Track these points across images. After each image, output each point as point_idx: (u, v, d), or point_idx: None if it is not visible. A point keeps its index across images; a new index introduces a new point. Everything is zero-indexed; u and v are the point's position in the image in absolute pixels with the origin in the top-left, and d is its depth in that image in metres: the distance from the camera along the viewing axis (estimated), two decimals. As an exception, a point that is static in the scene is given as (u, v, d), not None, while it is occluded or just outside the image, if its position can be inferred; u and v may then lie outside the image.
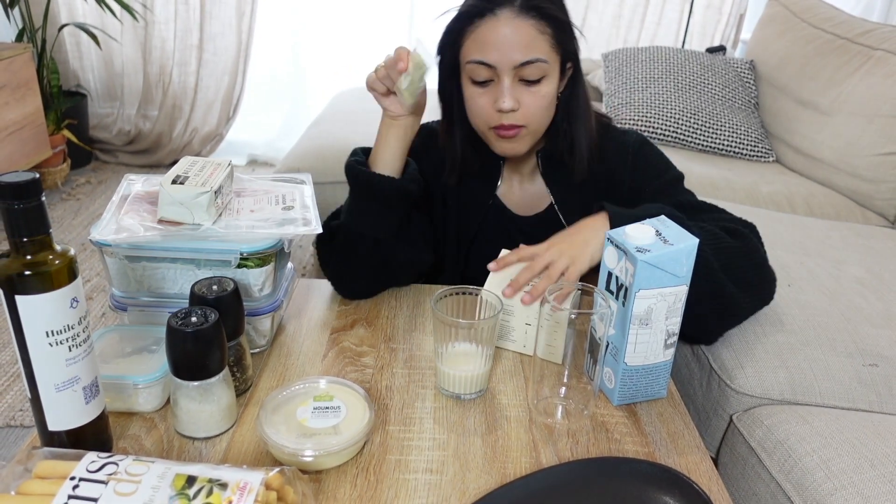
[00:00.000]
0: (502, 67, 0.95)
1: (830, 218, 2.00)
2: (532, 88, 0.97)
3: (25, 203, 0.60)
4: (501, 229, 1.15)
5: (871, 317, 1.29)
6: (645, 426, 0.82)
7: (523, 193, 1.14)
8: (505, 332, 0.93)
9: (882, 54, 2.10)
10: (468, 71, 0.98)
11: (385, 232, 1.00)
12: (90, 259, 2.46)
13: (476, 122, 1.02)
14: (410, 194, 1.00)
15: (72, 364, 0.65)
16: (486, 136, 1.03)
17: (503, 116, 0.97)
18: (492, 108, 0.97)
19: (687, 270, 0.79)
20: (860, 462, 0.98)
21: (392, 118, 1.00)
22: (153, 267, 0.87)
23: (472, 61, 0.96)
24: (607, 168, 1.11)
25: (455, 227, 1.14)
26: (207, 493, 0.57)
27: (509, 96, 0.95)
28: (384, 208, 0.99)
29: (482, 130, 1.03)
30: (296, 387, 0.79)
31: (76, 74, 3.36)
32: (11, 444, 1.67)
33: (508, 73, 0.95)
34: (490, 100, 0.97)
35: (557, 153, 1.08)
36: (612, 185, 1.11)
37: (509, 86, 0.95)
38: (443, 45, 1.02)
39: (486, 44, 0.95)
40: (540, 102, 0.98)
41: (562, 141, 1.06)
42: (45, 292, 0.61)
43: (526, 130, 1.00)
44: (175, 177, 0.86)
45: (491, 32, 0.94)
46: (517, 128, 0.99)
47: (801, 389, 1.16)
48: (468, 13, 0.97)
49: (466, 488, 0.71)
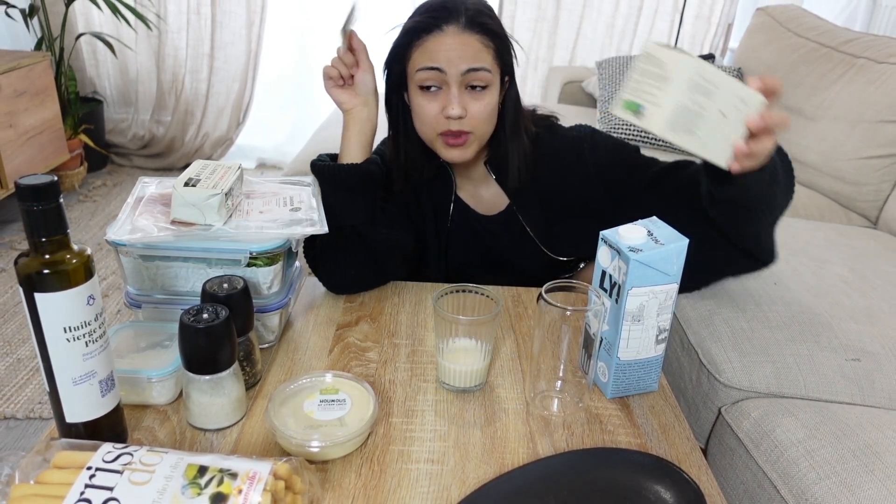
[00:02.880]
0: (450, 74, 0.96)
1: (815, 219, 2.00)
2: (477, 96, 0.98)
3: (44, 204, 0.59)
4: (469, 227, 1.15)
5: (853, 313, 1.29)
6: (637, 418, 0.82)
7: (481, 196, 1.15)
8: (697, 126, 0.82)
9: (864, 62, 2.10)
10: (417, 80, 0.98)
11: (360, 218, 1.00)
12: (106, 258, 2.46)
13: (424, 130, 1.02)
14: (372, 175, 1.01)
15: (88, 359, 0.65)
16: (434, 143, 1.03)
17: (451, 123, 0.98)
18: (440, 115, 0.98)
19: (677, 269, 0.79)
20: (843, 452, 0.98)
21: (347, 110, 1.02)
22: (166, 266, 0.87)
23: (422, 68, 0.97)
24: (560, 165, 1.10)
25: (432, 223, 1.14)
26: (218, 482, 0.57)
27: (457, 103, 0.96)
28: (353, 194, 0.99)
29: (430, 138, 1.03)
30: (303, 380, 0.79)
31: (92, 81, 3.36)
32: (31, 435, 1.67)
33: (456, 81, 0.96)
34: (438, 107, 0.98)
35: (500, 160, 1.08)
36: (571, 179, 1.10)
37: (457, 93, 0.97)
38: (390, 59, 1.03)
39: (435, 52, 0.96)
40: (485, 109, 0.99)
41: (500, 149, 1.07)
42: (63, 290, 0.61)
43: (473, 137, 1.00)
44: (187, 179, 0.86)
45: (439, 45, 0.96)
46: (465, 134, 0.99)
47: (787, 383, 1.16)
48: (415, 28, 0.98)
49: (466, 477, 0.71)
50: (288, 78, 3.48)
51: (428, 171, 1.11)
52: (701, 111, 0.79)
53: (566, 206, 1.11)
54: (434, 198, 1.14)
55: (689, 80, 0.78)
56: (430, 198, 1.14)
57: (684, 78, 0.78)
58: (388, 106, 1.08)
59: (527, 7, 3.16)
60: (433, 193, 1.13)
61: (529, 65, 3.29)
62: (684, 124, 0.80)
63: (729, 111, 0.79)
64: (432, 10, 0.98)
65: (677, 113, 0.79)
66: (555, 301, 0.76)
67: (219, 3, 3.19)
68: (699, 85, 0.78)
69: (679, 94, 0.78)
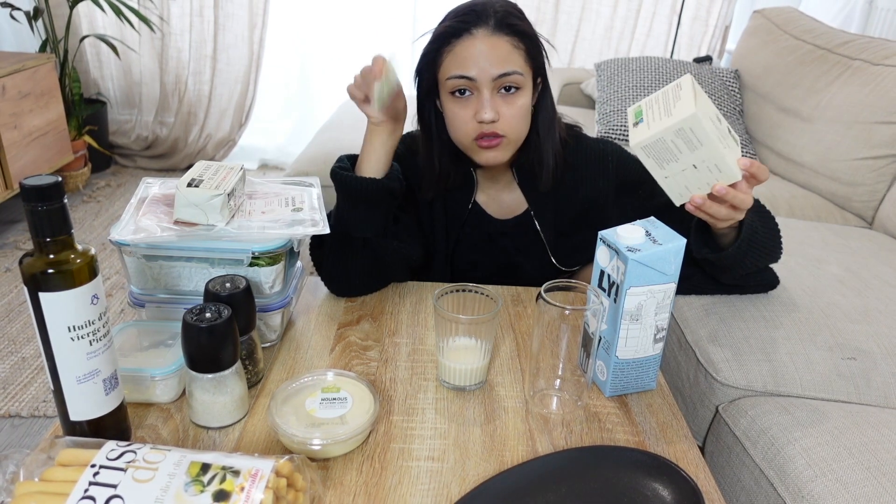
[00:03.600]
0: (481, 80, 0.95)
1: (811, 219, 2.00)
2: (509, 100, 0.97)
3: (49, 205, 0.60)
4: (482, 231, 1.15)
5: (849, 313, 1.29)
6: (635, 416, 0.82)
7: (500, 201, 1.14)
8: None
9: (860, 64, 2.10)
10: (448, 86, 0.97)
11: (373, 231, 0.99)
12: (110, 258, 2.46)
13: (458, 135, 1.01)
14: (393, 192, 0.99)
15: (92, 357, 0.65)
16: (469, 148, 1.01)
17: (483, 126, 0.97)
18: (472, 120, 0.97)
19: (675, 269, 0.79)
20: (839, 450, 0.98)
21: (374, 125, 0.99)
22: (169, 265, 0.87)
23: (452, 76, 0.96)
24: (583, 175, 1.10)
25: (441, 228, 1.14)
26: (221, 479, 0.57)
27: (489, 107, 0.95)
28: (370, 208, 0.98)
29: (464, 144, 1.01)
30: (304, 379, 0.79)
31: (96, 83, 3.36)
32: (35, 433, 1.67)
33: (487, 86, 0.95)
34: (471, 112, 0.97)
35: (529, 164, 1.08)
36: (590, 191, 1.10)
37: (489, 97, 0.95)
38: (421, 66, 1.01)
39: (465, 59, 0.95)
40: (517, 113, 0.98)
41: (533, 152, 1.06)
42: (68, 289, 0.61)
43: (506, 140, 0.99)
44: (190, 180, 0.86)
45: (469, 49, 0.94)
46: (498, 137, 0.98)
47: (784, 382, 1.16)
48: (445, 34, 0.97)
49: (466, 475, 0.71)
50: (290, 80, 3.48)
51: (455, 178, 1.10)
52: (677, 154, 0.83)
53: (581, 215, 1.11)
54: (451, 202, 1.13)
55: (681, 128, 0.80)
56: (445, 203, 1.13)
57: (677, 121, 0.80)
58: (421, 114, 1.06)
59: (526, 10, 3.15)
60: (450, 198, 1.12)
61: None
62: (657, 155, 0.84)
63: (701, 169, 0.84)
64: (461, 13, 0.97)
65: (657, 143, 0.83)
66: (554, 300, 0.76)
67: (221, 6, 3.19)
68: (687, 136, 0.81)
69: (668, 131, 0.81)
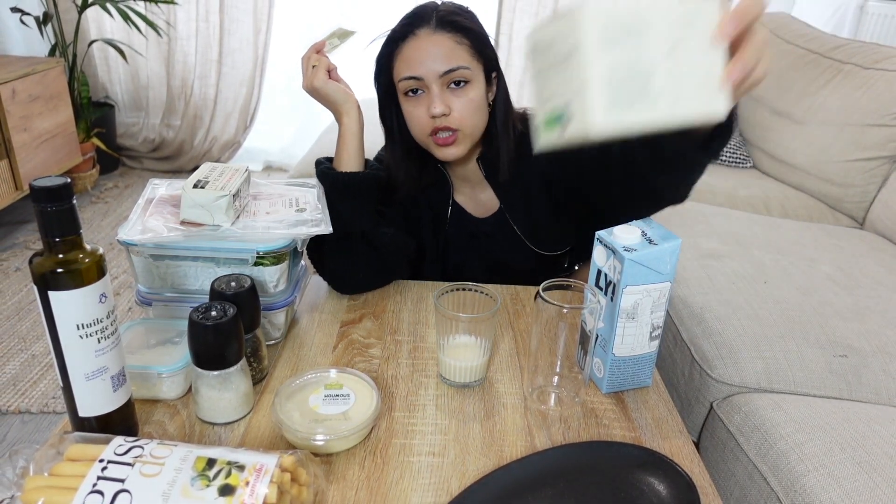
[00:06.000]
0: (429, 78, 0.97)
1: (803, 220, 2.00)
2: (459, 94, 0.98)
3: (58, 206, 0.59)
4: (465, 231, 1.15)
5: (840, 311, 1.29)
6: (632, 412, 0.82)
7: (477, 199, 1.15)
8: None
9: (851, 68, 2.10)
10: (402, 88, 1.00)
11: (367, 223, 1.00)
12: (118, 258, 2.46)
13: (416, 133, 1.03)
14: (379, 180, 1.01)
15: (100, 355, 0.65)
16: (427, 145, 1.03)
17: (436, 121, 0.98)
18: (426, 116, 0.99)
19: (671, 268, 0.79)
20: (831, 445, 0.98)
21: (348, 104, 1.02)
22: (176, 265, 0.86)
23: (403, 78, 0.99)
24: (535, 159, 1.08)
25: (429, 231, 1.15)
26: (226, 474, 0.57)
27: (439, 102, 0.97)
28: (360, 201, 1.00)
29: (423, 141, 1.03)
30: (308, 376, 0.78)
31: (104, 86, 3.36)
32: (44, 429, 1.67)
33: (436, 82, 0.97)
34: (423, 110, 0.99)
35: (492, 157, 1.08)
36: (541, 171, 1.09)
37: (438, 93, 0.97)
38: (376, 72, 1.05)
39: (412, 60, 0.97)
40: (468, 105, 0.99)
41: (492, 146, 1.07)
42: (76, 288, 0.61)
43: (461, 134, 1.00)
44: (196, 181, 0.85)
45: (414, 50, 0.97)
46: (453, 132, 0.99)
47: (777, 378, 1.16)
48: (392, 38, 1.00)
49: (466, 470, 0.71)
50: (294, 83, 3.48)
51: (427, 176, 1.12)
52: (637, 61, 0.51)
53: (548, 200, 1.11)
54: (432, 203, 1.14)
55: (601, 35, 0.51)
56: (428, 204, 1.14)
57: (593, 38, 0.51)
58: (383, 118, 1.08)
59: (524, 15, 3.16)
60: (431, 199, 1.14)
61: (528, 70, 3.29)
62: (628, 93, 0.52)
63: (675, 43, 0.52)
64: (406, 17, 1.00)
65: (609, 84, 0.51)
66: (552, 299, 0.76)
67: (227, 11, 3.19)
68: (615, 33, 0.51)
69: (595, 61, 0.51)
